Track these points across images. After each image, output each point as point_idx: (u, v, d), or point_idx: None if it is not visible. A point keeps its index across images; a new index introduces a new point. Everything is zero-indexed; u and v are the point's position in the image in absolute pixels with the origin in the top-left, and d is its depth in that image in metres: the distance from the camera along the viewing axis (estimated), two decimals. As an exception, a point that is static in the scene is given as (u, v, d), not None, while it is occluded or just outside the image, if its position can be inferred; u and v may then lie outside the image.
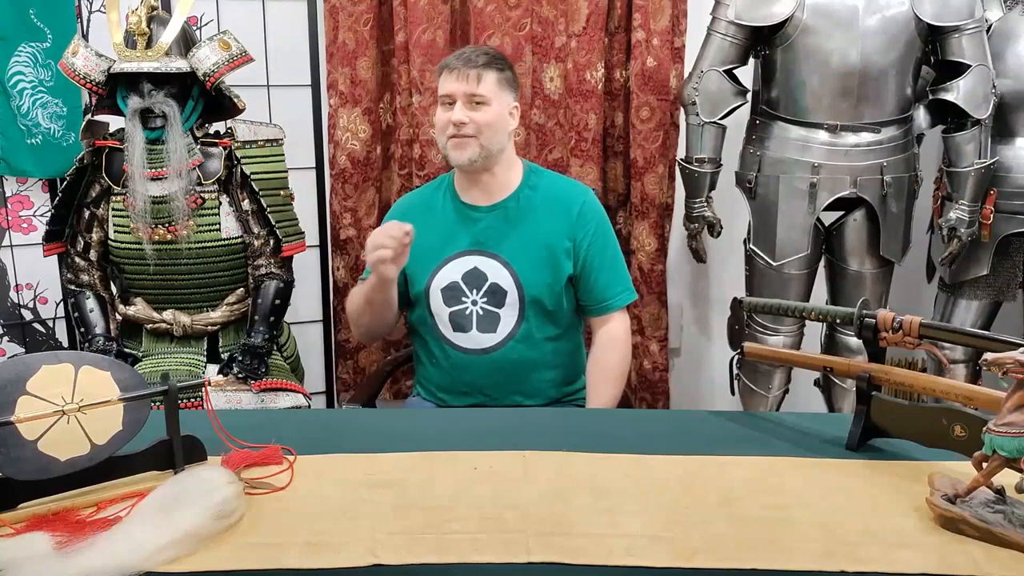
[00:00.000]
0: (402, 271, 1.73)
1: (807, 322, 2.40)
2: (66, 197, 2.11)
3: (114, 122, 2.13)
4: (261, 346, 2.09)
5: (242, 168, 2.07)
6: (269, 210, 2.08)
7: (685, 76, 2.46)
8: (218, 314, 2.14)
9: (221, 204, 2.09)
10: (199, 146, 2.07)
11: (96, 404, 1.09)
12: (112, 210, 2.09)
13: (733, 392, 1.70)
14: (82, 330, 2.15)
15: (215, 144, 2.10)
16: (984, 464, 1.04)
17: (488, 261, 1.82)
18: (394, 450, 1.28)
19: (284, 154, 2.18)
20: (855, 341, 2.35)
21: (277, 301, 2.15)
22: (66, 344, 2.60)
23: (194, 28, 2.42)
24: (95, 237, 2.13)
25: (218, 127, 2.20)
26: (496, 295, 1.81)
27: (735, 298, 1.55)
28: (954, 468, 1.17)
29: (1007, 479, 1.04)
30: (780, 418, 1.49)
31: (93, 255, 2.14)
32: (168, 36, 1.99)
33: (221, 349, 2.15)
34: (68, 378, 1.09)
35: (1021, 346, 1.02)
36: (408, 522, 1.07)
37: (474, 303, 1.82)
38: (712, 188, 2.41)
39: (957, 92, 2.22)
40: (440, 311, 1.83)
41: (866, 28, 2.17)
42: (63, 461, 1.06)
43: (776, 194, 2.31)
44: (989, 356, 1.00)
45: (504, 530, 1.06)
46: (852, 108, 2.23)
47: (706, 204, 2.41)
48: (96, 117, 2.12)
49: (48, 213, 2.29)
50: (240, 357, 2.06)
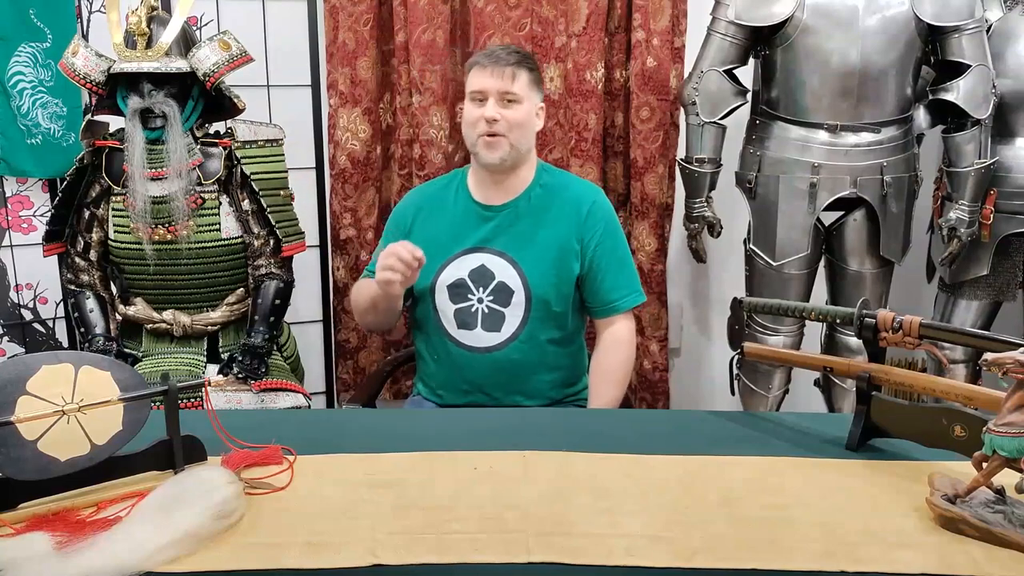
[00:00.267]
0: None
1: (807, 322, 2.40)
2: (66, 197, 2.11)
3: (114, 122, 2.13)
4: (261, 346, 2.09)
5: (242, 168, 2.07)
6: (269, 210, 2.08)
7: (685, 76, 2.46)
8: (218, 314, 2.14)
9: (221, 204, 2.09)
10: (199, 146, 2.07)
11: (96, 404, 1.09)
12: (112, 210, 2.09)
13: (733, 392, 1.70)
14: (82, 330, 2.15)
15: (215, 144, 2.10)
16: (984, 464, 1.04)
17: (496, 259, 1.81)
18: (394, 450, 1.28)
19: (284, 154, 2.18)
20: (855, 341, 2.35)
21: (277, 301, 2.15)
22: (66, 344, 2.60)
23: (194, 28, 2.42)
24: (95, 237, 2.13)
25: (218, 127, 2.20)
26: (503, 294, 1.80)
27: (735, 298, 1.55)
28: (954, 468, 1.17)
29: (1007, 479, 1.04)
30: (780, 418, 1.48)
31: (93, 255, 2.14)
32: (168, 36, 1.99)
33: (221, 349, 2.16)
34: (68, 378, 1.09)
35: (1021, 346, 1.02)
36: (408, 522, 1.07)
37: (480, 301, 1.81)
38: (712, 188, 2.41)
39: (957, 92, 2.22)
40: (445, 307, 1.82)
41: (866, 28, 2.17)
42: (63, 461, 1.06)
43: (776, 194, 2.31)
44: (989, 356, 1.00)
45: (504, 530, 1.06)
46: (852, 108, 2.23)
47: (706, 204, 2.41)
48: (96, 117, 2.12)
49: (48, 213, 2.29)
50: (240, 357, 2.06)
